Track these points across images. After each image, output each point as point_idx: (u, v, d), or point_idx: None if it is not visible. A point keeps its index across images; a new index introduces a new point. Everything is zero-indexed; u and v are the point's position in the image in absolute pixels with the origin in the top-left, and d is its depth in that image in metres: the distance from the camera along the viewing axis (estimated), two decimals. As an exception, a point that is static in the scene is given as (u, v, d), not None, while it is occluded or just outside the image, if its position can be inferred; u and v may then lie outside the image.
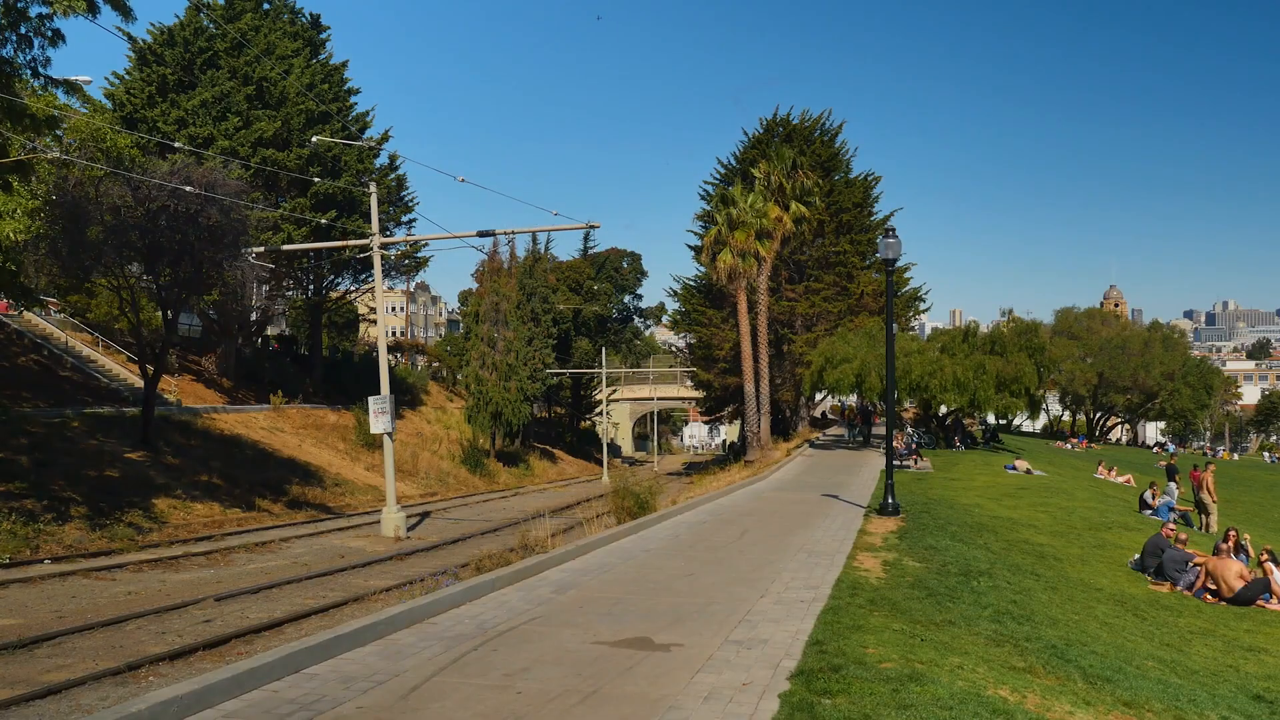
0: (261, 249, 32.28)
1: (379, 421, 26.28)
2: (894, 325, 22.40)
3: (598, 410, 79.72)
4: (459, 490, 42.96)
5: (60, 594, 15.69)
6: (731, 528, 15.56)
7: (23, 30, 18.39)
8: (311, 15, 46.18)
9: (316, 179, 38.90)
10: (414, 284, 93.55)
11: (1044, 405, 70.41)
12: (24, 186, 21.31)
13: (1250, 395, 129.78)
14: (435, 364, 71.76)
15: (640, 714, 5.94)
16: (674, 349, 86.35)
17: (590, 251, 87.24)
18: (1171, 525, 17.36)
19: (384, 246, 33.03)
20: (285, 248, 33.87)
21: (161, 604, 14.74)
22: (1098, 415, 74.11)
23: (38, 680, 10.30)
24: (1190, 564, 15.05)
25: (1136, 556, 16.03)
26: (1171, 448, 67.58)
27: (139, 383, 30.42)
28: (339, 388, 47.95)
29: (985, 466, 29.44)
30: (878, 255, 26.46)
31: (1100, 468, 34.67)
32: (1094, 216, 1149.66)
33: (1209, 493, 25.82)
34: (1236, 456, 79.16)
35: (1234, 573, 14.44)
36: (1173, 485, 29.68)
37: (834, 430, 48.14)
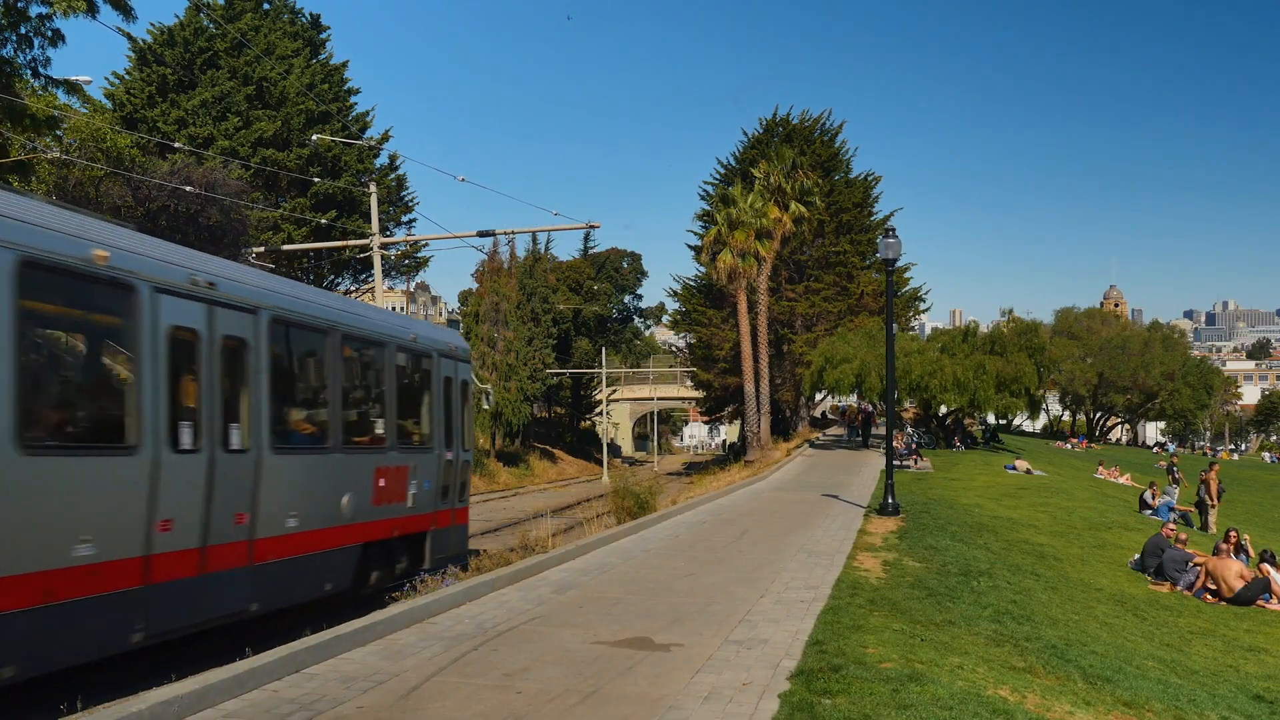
0: (261, 249, 32.28)
1: (379, 421, 26.21)
2: (894, 325, 22.40)
3: (598, 410, 79.73)
4: (459, 490, 42.84)
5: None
6: (731, 528, 15.56)
7: (23, 30, 18.41)
8: (311, 15, 46.17)
9: (316, 179, 38.91)
10: (414, 284, 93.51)
11: (1044, 405, 70.43)
12: (24, 186, 21.32)
13: (1250, 395, 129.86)
14: (435, 364, 71.54)
15: (640, 714, 5.94)
16: (674, 349, 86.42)
17: (590, 251, 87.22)
18: (1172, 525, 17.37)
19: (384, 246, 33.05)
20: (285, 248, 33.90)
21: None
22: (1098, 415, 74.14)
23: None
24: (1190, 564, 15.06)
25: (1136, 556, 16.04)
26: (1171, 448, 67.65)
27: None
28: (339, 388, 47.83)
29: (985, 466, 29.45)
30: (878, 255, 26.46)
31: (1100, 468, 34.71)
32: (1094, 216, 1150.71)
33: (1211, 494, 25.86)
34: (1236, 456, 79.17)
35: (1234, 573, 14.44)
36: (1172, 485, 29.70)
37: (834, 430, 48.13)
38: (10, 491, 7.02)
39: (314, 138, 36.05)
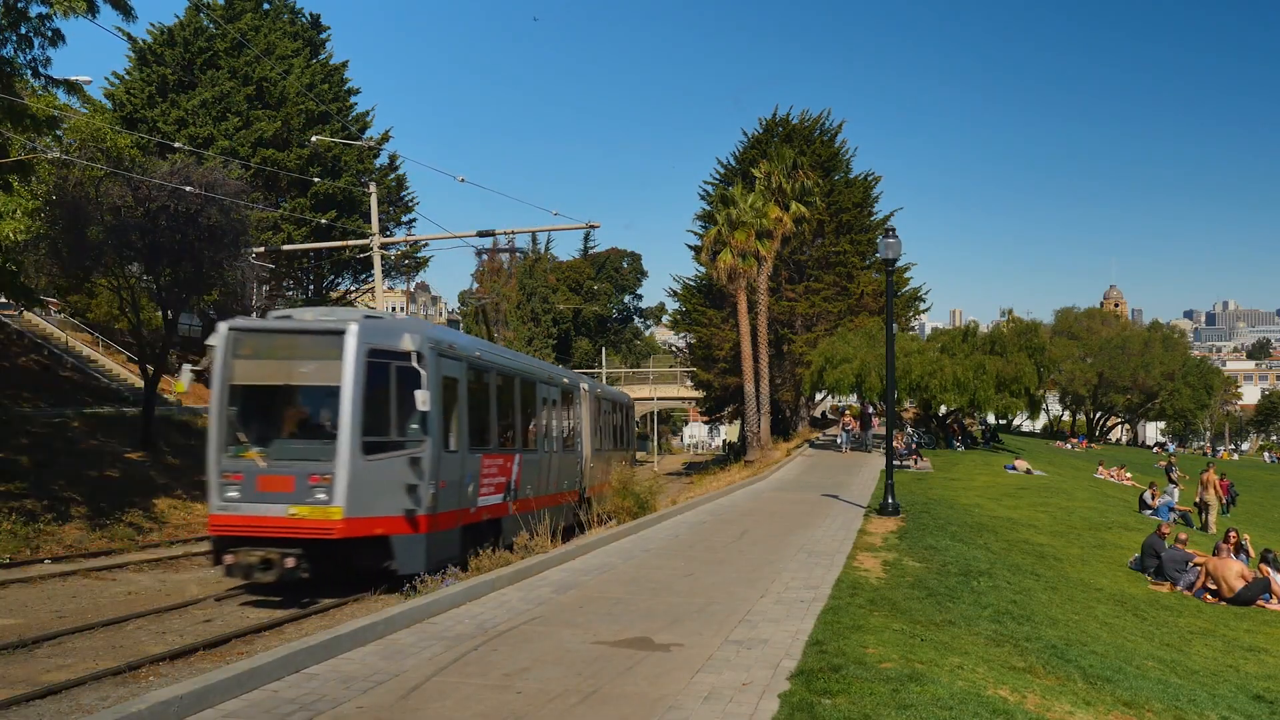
0: (261, 249, 32.29)
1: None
2: (894, 325, 22.40)
3: (598, 410, 79.65)
4: (459, 490, 42.81)
5: (60, 594, 15.69)
6: (731, 528, 15.56)
7: (23, 30, 18.39)
8: (311, 15, 46.17)
9: (316, 179, 38.89)
10: (414, 284, 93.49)
11: (1044, 405, 70.34)
12: (24, 186, 21.31)
13: (1250, 395, 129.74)
14: (435, 364, 71.62)
15: (640, 714, 5.95)
16: (674, 349, 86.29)
17: (590, 251, 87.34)
18: (1168, 525, 17.42)
19: (384, 246, 33.06)
20: (285, 248, 33.92)
21: (162, 604, 14.73)
22: (1098, 415, 74.07)
23: (38, 680, 10.29)
24: (1190, 564, 15.06)
25: (1136, 556, 16.04)
26: (1171, 448, 67.64)
27: (139, 383, 30.41)
28: (339, 388, 47.79)
29: (985, 466, 29.45)
30: (878, 255, 26.44)
31: (1100, 467, 34.69)
32: (1094, 216, 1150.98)
33: (1216, 493, 25.91)
34: (1236, 456, 79.14)
35: (1234, 573, 14.44)
36: (1173, 485, 29.72)
37: (834, 430, 48.01)
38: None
39: (314, 138, 36.02)
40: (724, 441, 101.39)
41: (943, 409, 38.78)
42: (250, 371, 13.98)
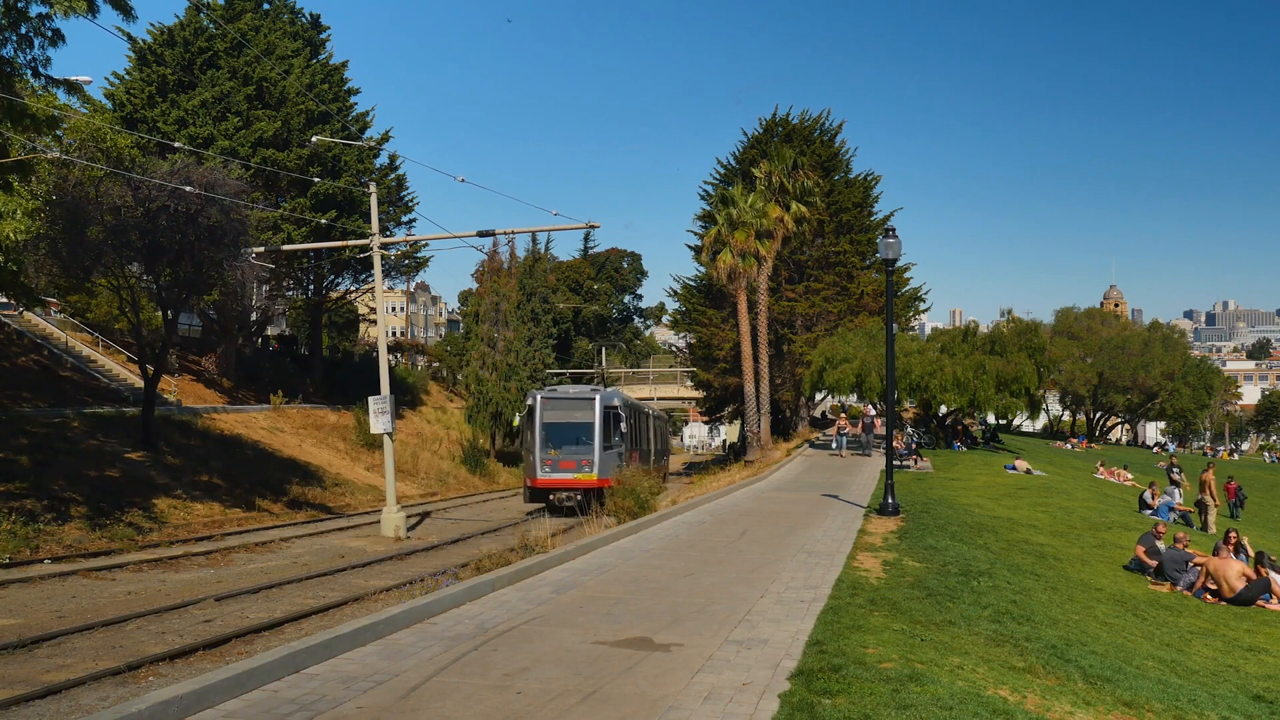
0: (261, 249, 32.24)
1: (379, 421, 26.28)
2: (894, 325, 22.40)
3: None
4: (459, 490, 42.96)
5: (60, 594, 15.69)
6: (731, 527, 15.56)
7: (23, 30, 18.36)
8: (311, 15, 46.17)
9: (316, 179, 38.88)
10: (414, 284, 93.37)
11: (1044, 405, 70.33)
12: (24, 186, 21.30)
13: (1250, 395, 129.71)
14: (435, 364, 71.67)
15: (640, 714, 5.94)
16: (674, 349, 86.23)
17: (590, 251, 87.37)
18: (1163, 525, 17.44)
19: (384, 246, 33.04)
20: (285, 248, 33.88)
21: (162, 604, 14.74)
22: (1098, 415, 74.07)
23: (38, 680, 10.30)
24: (1190, 564, 15.05)
25: (1133, 559, 16.03)
26: (1171, 448, 67.59)
27: (139, 383, 30.41)
28: (339, 388, 47.93)
29: (985, 466, 29.44)
30: (878, 255, 26.43)
31: (1100, 467, 34.69)
32: (1094, 216, 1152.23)
33: (1211, 494, 25.88)
34: (1236, 456, 79.10)
35: (1236, 572, 14.43)
36: (1173, 486, 29.70)
37: (834, 430, 47.96)
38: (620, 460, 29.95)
39: (314, 138, 36.00)
40: (724, 441, 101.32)
41: (943, 409, 38.78)
42: (552, 416, 29.75)
